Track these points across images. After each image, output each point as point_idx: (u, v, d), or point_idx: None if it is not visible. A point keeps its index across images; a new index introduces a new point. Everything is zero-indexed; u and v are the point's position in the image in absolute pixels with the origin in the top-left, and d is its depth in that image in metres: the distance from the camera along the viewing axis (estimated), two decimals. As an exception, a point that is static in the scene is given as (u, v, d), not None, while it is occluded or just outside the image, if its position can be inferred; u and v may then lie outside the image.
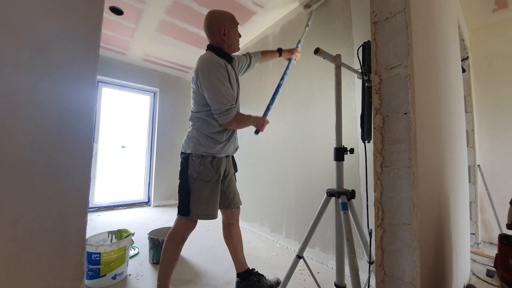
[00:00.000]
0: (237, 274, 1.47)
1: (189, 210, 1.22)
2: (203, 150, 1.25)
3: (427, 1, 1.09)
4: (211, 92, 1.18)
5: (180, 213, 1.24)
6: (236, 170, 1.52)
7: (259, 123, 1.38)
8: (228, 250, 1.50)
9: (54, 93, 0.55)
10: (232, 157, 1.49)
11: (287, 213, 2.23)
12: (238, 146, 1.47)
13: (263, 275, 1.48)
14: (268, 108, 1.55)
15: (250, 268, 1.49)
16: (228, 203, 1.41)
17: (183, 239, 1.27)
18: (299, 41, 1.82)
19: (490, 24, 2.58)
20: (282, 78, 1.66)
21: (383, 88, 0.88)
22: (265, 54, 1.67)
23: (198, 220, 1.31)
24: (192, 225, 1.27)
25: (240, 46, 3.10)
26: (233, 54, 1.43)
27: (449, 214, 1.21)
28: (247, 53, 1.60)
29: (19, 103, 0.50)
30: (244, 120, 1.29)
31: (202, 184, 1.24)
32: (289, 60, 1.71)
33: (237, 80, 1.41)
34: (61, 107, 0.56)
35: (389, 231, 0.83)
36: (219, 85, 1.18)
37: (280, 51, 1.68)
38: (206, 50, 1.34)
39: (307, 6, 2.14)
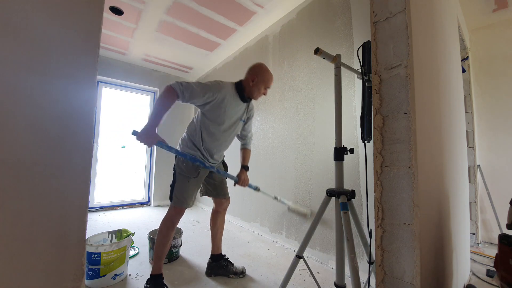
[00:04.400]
0: (211, 255, 1.72)
1: (172, 197, 1.47)
2: (187, 152, 1.48)
3: (427, 1, 1.09)
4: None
5: (169, 199, 1.49)
6: (226, 170, 1.75)
7: (143, 133, 1.27)
8: (211, 234, 1.75)
9: (54, 93, 0.55)
10: (223, 160, 1.73)
11: (287, 213, 2.23)
12: (220, 159, 1.66)
13: (231, 263, 1.71)
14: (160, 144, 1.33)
15: (223, 253, 1.75)
16: (222, 194, 1.68)
17: (173, 223, 1.47)
18: (259, 190, 1.72)
19: (490, 24, 2.58)
20: (215, 170, 1.53)
21: (383, 88, 0.88)
22: (243, 153, 1.75)
23: (199, 221, 1.45)
24: (179, 211, 1.47)
25: (240, 46, 3.13)
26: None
27: (449, 214, 1.21)
28: (249, 137, 1.77)
29: (19, 103, 0.50)
30: (158, 103, 1.32)
31: (184, 178, 1.47)
32: (237, 178, 1.65)
33: (240, 118, 1.57)
34: (61, 107, 0.56)
35: (389, 231, 0.83)
36: (199, 83, 1.38)
37: (244, 167, 1.70)
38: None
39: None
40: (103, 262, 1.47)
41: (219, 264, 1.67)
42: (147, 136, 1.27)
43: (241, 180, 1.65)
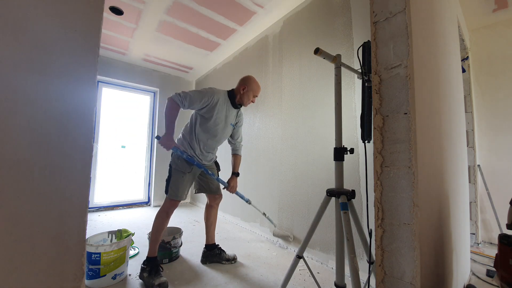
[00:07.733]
0: (205, 245, 1.90)
1: (168, 190, 1.66)
2: (182, 149, 1.68)
3: (427, 1, 1.09)
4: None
5: (165, 192, 1.67)
6: (219, 169, 1.94)
7: (164, 139, 1.55)
8: (205, 226, 1.94)
9: (54, 93, 0.55)
10: (215, 160, 1.93)
11: (287, 213, 2.23)
12: (212, 159, 1.85)
13: (224, 251, 1.91)
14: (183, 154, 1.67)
15: (216, 243, 1.93)
16: (214, 191, 1.88)
17: (167, 213, 1.65)
18: (249, 203, 2.02)
19: (490, 24, 2.58)
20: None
21: (383, 88, 0.88)
22: (234, 159, 1.95)
23: (199, 221, 1.68)
24: (174, 204, 1.65)
25: (240, 46, 3.13)
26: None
27: (449, 214, 1.21)
28: (239, 142, 1.97)
29: (19, 103, 0.50)
30: (167, 115, 1.57)
31: (179, 173, 1.67)
32: (227, 184, 1.88)
33: (230, 122, 1.79)
34: (61, 107, 0.56)
35: (389, 231, 0.84)
36: (195, 91, 1.62)
37: (235, 174, 1.92)
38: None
39: None
40: (103, 262, 1.46)
41: (213, 253, 1.86)
42: (168, 140, 1.54)
43: (230, 186, 1.87)
